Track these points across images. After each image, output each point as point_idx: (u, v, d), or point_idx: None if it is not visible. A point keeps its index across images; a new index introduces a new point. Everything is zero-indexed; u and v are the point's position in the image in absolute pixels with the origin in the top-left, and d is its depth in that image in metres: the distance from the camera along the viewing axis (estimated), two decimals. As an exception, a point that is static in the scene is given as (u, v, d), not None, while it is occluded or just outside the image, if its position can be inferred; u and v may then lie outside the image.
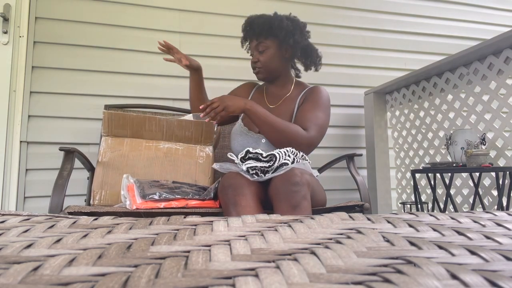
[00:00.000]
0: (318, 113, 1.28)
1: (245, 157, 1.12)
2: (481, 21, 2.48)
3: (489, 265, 0.24)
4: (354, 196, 2.03)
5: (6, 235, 0.30)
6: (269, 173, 1.10)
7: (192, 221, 0.35)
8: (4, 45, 1.67)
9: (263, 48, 1.33)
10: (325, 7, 2.18)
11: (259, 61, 1.35)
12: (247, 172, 1.10)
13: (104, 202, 1.27)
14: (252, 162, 1.10)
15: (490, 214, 0.39)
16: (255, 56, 1.35)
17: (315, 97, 1.32)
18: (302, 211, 0.98)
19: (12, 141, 1.62)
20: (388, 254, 0.26)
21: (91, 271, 0.22)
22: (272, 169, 1.09)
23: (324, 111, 1.30)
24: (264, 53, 1.33)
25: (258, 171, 1.09)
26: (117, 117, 1.35)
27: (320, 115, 1.28)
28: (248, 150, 1.12)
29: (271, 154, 1.09)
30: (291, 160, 1.11)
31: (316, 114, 1.27)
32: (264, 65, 1.34)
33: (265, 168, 1.09)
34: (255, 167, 1.09)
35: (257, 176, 1.09)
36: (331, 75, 2.12)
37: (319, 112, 1.28)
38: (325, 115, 1.30)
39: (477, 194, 1.34)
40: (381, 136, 1.99)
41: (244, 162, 1.11)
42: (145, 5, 1.87)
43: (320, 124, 1.26)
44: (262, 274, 0.21)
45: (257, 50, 1.34)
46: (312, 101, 1.31)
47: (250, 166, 1.09)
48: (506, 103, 1.32)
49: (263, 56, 1.33)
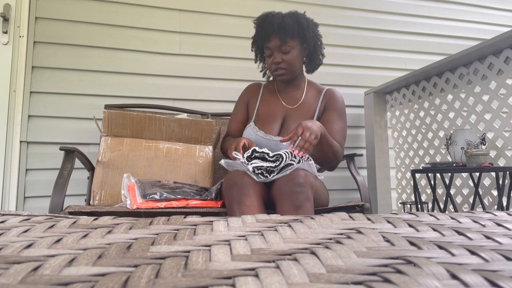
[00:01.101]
0: (343, 123, 1.34)
1: (251, 156, 1.10)
2: (481, 21, 2.47)
3: (489, 265, 0.24)
4: (354, 196, 2.03)
5: (6, 235, 0.30)
6: (275, 173, 1.09)
7: (192, 221, 0.35)
8: (4, 45, 1.67)
9: (289, 48, 1.27)
10: (325, 7, 2.18)
11: (283, 61, 1.29)
12: (253, 172, 1.09)
13: (104, 202, 1.27)
14: (258, 161, 1.09)
15: (490, 214, 0.39)
16: (277, 57, 1.29)
17: (338, 106, 1.36)
18: (305, 212, 0.98)
19: (12, 141, 1.62)
20: (388, 254, 0.26)
21: (91, 271, 0.22)
22: (277, 169, 1.09)
23: (345, 119, 1.37)
24: (289, 54, 1.28)
25: (264, 171, 1.08)
26: (117, 116, 1.35)
27: (344, 125, 1.35)
28: (255, 149, 1.10)
29: (277, 154, 1.09)
30: (296, 160, 1.10)
31: (342, 126, 1.33)
32: (289, 66, 1.29)
33: (270, 168, 1.08)
34: (261, 167, 1.08)
35: (263, 177, 1.08)
36: (331, 75, 2.12)
37: (343, 122, 1.35)
38: (345, 123, 1.37)
39: (477, 194, 1.34)
40: (381, 136, 1.99)
41: (250, 162, 1.10)
42: (145, 5, 1.87)
43: (344, 136, 1.34)
44: (262, 274, 0.21)
45: (280, 51, 1.28)
46: (336, 110, 1.35)
47: (256, 166, 1.07)
48: (506, 103, 1.32)
49: (287, 56, 1.28)
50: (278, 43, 1.27)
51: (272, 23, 1.27)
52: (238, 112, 1.45)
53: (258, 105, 1.42)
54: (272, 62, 1.31)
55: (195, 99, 1.89)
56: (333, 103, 1.35)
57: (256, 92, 1.46)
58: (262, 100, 1.42)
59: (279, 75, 1.32)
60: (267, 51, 1.32)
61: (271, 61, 1.31)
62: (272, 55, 1.31)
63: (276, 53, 1.29)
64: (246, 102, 1.46)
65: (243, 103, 1.46)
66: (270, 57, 1.32)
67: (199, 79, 1.91)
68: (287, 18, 1.27)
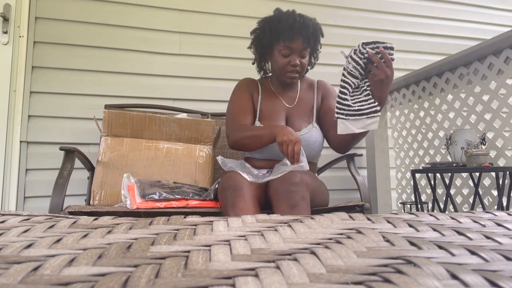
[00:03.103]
0: None
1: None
2: (481, 21, 2.47)
3: (489, 265, 0.24)
4: (354, 196, 2.03)
5: (6, 235, 0.30)
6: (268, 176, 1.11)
7: (192, 221, 0.35)
8: (4, 45, 1.67)
9: (306, 53, 1.29)
10: (325, 7, 2.18)
11: (300, 65, 1.28)
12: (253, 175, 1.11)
13: (104, 202, 1.27)
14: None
15: (490, 214, 0.39)
16: (296, 59, 1.27)
17: (333, 92, 1.38)
18: (301, 211, 0.99)
19: (12, 141, 1.62)
20: (388, 254, 0.26)
21: (91, 271, 0.22)
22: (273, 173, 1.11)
23: None
24: (305, 58, 1.29)
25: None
26: (117, 116, 1.35)
27: None
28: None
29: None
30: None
31: None
32: (302, 70, 1.30)
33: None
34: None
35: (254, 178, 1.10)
36: (331, 75, 2.12)
37: None
38: None
39: (477, 194, 1.34)
40: (381, 136, 1.99)
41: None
42: (145, 5, 1.87)
43: None
44: (262, 274, 0.21)
45: (299, 54, 1.27)
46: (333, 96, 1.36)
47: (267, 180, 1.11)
48: (506, 103, 1.32)
49: (303, 61, 1.29)
50: (301, 46, 1.25)
51: (305, 26, 1.24)
52: (246, 101, 1.35)
53: (260, 103, 1.36)
54: (289, 63, 1.27)
55: (195, 99, 1.89)
56: (328, 92, 1.39)
57: (256, 88, 1.40)
58: (263, 97, 1.37)
59: (292, 77, 1.29)
60: (286, 50, 1.26)
61: (288, 62, 1.27)
62: (290, 56, 1.27)
63: (295, 55, 1.26)
64: (250, 94, 1.38)
65: (248, 94, 1.37)
66: (286, 57, 1.27)
67: (199, 79, 1.91)
68: (315, 26, 1.28)
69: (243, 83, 1.40)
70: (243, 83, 1.40)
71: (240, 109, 1.33)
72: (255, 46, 1.38)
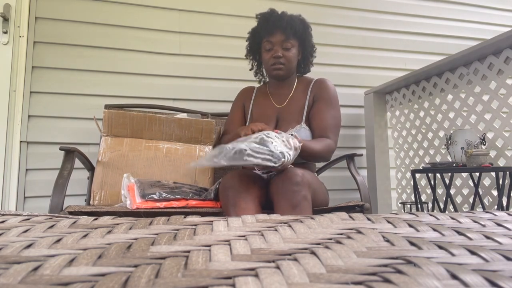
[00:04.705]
0: (333, 111, 1.31)
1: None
2: (481, 21, 2.47)
3: (489, 265, 0.24)
4: (354, 196, 2.03)
5: (6, 235, 0.30)
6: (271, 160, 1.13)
7: (192, 221, 0.35)
8: (4, 45, 1.67)
9: (290, 45, 1.29)
10: (325, 7, 2.18)
11: (284, 57, 1.30)
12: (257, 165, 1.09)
13: (104, 202, 1.27)
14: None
15: (490, 214, 0.39)
16: (278, 50, 1.29)
17: (326, 94, 1.32)
18: (302, 211, 0.98)
19: (12, 141, 1.62)
20: (388, 254, 0.26)
21: (91, 271, 0.22)
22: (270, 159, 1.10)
23: (336, 106, 1.33)
24: (289, 51, 1.30)
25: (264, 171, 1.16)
26: (117, 116, 1.35)
27: (335, 114, 1.31)
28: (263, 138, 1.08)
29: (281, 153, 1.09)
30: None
31: (333, 114, 1.30)
32: (287, 62, 1.31)
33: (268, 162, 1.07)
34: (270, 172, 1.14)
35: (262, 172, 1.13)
36: (331, 75, 2.12)
37: (333, 110, 1.31)
38: (338, 111, 1.33)
39: (477, 194, 1.34)
40: (381, 136, 1.99)
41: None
42: (145, 5, 1.87)
43: (337, 124, 1.31)
44: (262, 274, 0.21)
45: (282, 46, 1.29)
46: (324, 99, 1.32)
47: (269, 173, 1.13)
48: (506, 103, 1.32)
49: (288, 53, 1.30)
50: (282, 38, 1.28)
51: (280, 18, 1.28)
52: (235, 112, 1.45)
53: (252, 108, 1.43)
54: (271, 56, 1.30)
55: (195, 99, 1.89)
56: (321, 93, 1.33)
57: (249, 95, 1.46)
58: (255, 103, 1.43)
59: (276, 69, 1.31)
60: (268, 45, 1.31)
61: (271, 55, 1.31)
62: (272, 49, 1.31)
63: (277, 47, 1.30)
64: (242, 104, 1.47)
65: (239, 104, 1.47)
66: (269, 51, 1.31)
67: (199, 79, 1.91)
68: (294, 18, 1.30)
69: (238, 94, 1.50)
70: (238, 94, 1.50)
71: (230, 121, 1.44)
72: (248, 52, 1.46)
